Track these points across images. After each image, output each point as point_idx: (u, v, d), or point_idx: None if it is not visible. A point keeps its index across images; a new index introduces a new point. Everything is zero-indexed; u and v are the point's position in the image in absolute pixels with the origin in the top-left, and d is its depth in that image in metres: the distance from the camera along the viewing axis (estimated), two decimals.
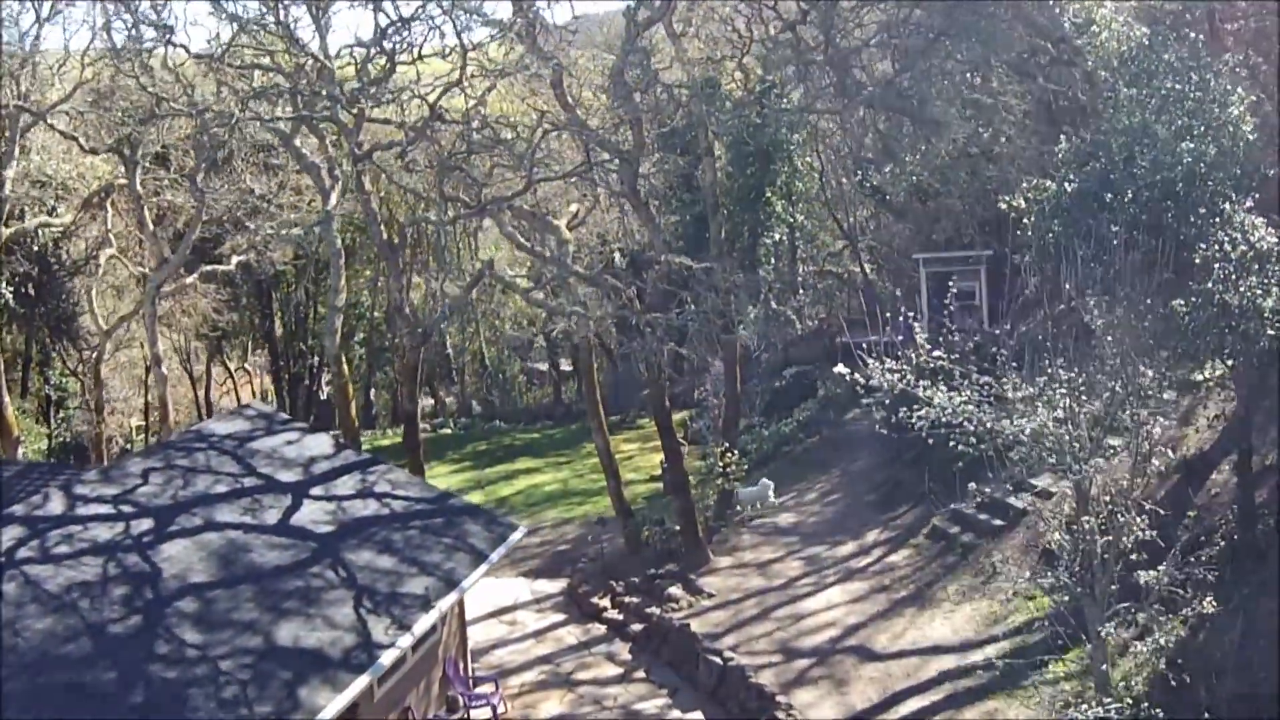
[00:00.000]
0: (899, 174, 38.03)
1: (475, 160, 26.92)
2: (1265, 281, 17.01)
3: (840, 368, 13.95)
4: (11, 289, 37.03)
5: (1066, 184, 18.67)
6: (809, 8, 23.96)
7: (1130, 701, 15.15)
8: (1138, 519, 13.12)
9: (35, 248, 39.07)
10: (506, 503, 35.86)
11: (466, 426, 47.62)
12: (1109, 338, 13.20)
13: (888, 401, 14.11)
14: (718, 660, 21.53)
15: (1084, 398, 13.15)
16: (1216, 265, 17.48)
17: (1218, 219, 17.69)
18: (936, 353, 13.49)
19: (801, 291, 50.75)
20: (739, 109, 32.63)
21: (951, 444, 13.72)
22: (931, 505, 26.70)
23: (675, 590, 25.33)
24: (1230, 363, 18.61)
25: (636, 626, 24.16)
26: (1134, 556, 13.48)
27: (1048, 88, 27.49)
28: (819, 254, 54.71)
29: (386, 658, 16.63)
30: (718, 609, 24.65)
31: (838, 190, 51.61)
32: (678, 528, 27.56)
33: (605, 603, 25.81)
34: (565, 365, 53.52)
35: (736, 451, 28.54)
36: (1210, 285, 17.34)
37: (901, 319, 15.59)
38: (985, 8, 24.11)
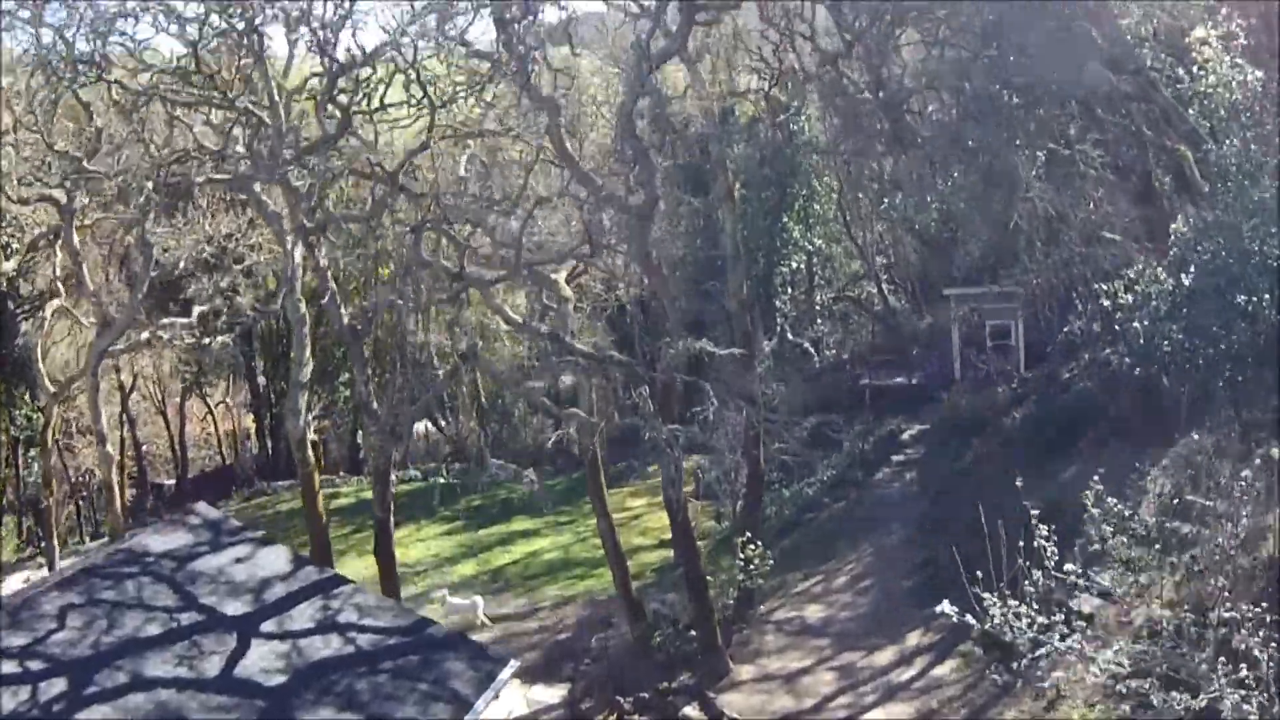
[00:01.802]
0: (929, 202, 34.49)
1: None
2: None
3: (945, 606, 10.36)
4: None
5: (1184, 275, 15.15)
6: (852, 39, 20.19)
7: None
8: None
9: None
10: (502, 574, 32.56)
11: (459, 475, 44.03)
12: None
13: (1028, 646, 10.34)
14: None
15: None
16: None
17: None
18: (1070, 566, 10.06)
19: (820, 321, 47.32)
20: (756, 139, 29.24)
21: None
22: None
23: (691, 711, 22.06)
24: None
25: None
26: None
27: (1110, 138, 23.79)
28: (836, 277, 51.23)
29: None
30: None
31: (855, 211, 48.10)
32: (693, 631, 24.18)
33: None
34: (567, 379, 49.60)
35: (758, 544, 24.90)
36: None
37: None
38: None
